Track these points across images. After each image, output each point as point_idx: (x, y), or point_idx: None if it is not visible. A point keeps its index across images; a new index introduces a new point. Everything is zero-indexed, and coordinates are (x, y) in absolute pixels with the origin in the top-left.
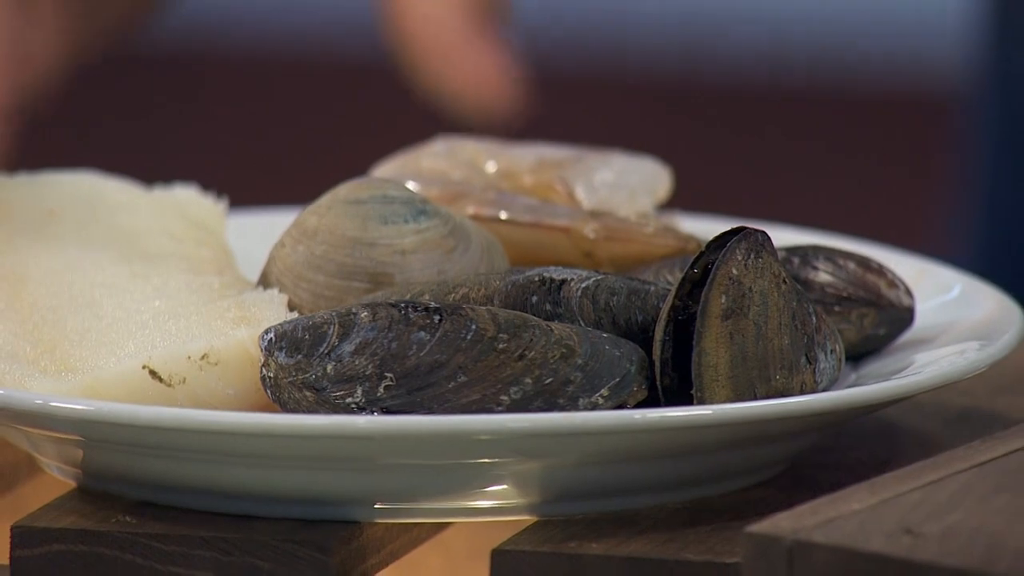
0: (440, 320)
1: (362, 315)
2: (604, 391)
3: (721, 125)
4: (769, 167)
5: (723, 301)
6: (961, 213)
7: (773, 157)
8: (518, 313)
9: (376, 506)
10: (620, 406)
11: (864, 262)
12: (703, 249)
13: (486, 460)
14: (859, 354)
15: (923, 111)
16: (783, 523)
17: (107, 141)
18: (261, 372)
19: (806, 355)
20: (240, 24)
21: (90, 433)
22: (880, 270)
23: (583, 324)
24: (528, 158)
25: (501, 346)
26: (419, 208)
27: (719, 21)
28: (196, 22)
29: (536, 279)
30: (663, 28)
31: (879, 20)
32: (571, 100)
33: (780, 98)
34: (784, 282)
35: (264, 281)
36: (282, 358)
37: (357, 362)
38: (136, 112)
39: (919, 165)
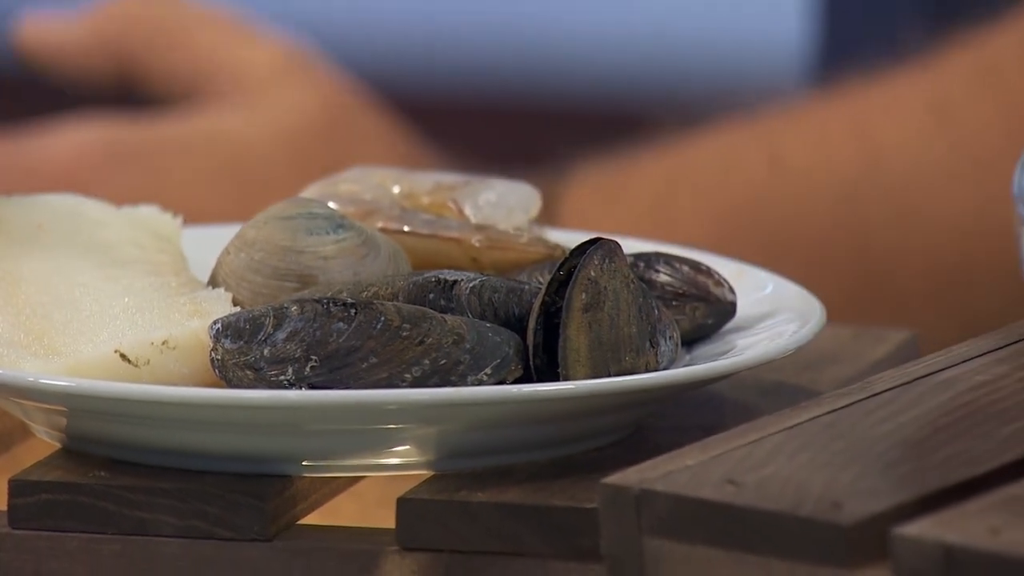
0: (355, 313)
1: (292, 309)
2: (488, 370)
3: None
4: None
5: (583, 297)
6: None
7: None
8: (418, 307)
9: (303, 463)
10: (500, 382)
11: (696, 265)
12: (567, 255)
13: (393, 426)
14: (692, 340)
15: None
16: (631, 475)
17: None
18: (211, 355)
19: (650, 341)
20: None
21: (72, 404)
22: (708, 272)
23: (471, 316)
24: (426, 182)
25: (405, 334)
26: (338, 223)
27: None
28: None
29: (433, 280)
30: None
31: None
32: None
33: (624, 121)
34: (632, 282)
35: (213, 282)
36: (228, 344)
37: (288, 347)
38: None
39: None
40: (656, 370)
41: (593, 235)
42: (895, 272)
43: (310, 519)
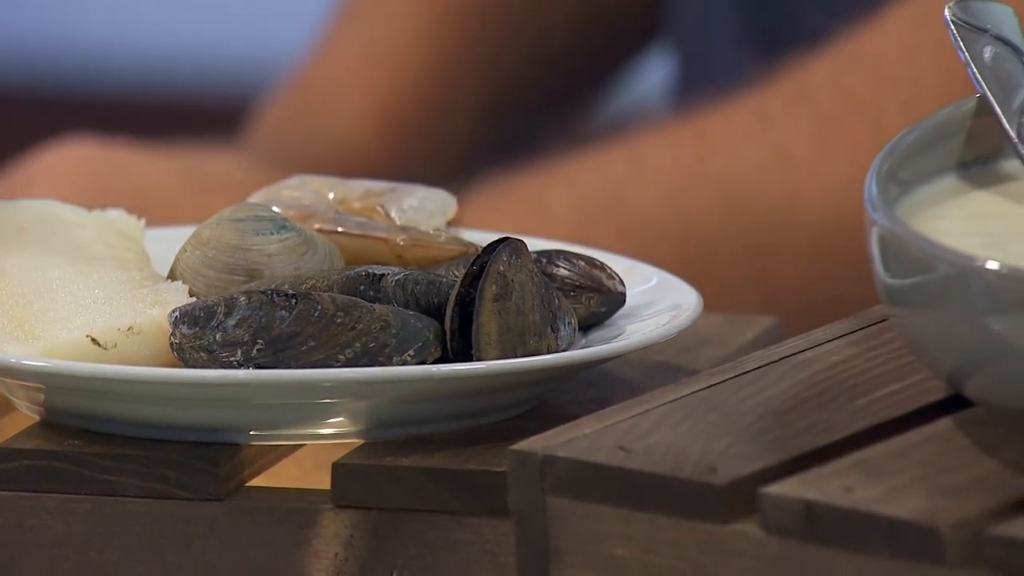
0: (296, 302)
1: (241, 299)
2: (411, 352)
3: None
4: None
5: (494, 289)
6: None
7: None
8: (350, 298)
9: (251, 433)
10: (422, 362)
11: (591, 261)
12: (480, 252)
13: (328, 401)
14: (587, 326)
15: None
16: (536, 443)
17: None
18: (170, 340)
19: (551, 326)
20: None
21: (49, 383)
22: (602, 266)
23: (396, 305)
24: (357, 189)
25: (339, 321)
26: (281, 224)
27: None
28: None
29: (363, 274)
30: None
31: None
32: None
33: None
34: (536, 275)
35: (172, 275)
36: (185, 329)
37: (237, 332)
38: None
39: None
40: (557, 352)
41: (502, 235)
42: (716, 254)
43: (257, 481)
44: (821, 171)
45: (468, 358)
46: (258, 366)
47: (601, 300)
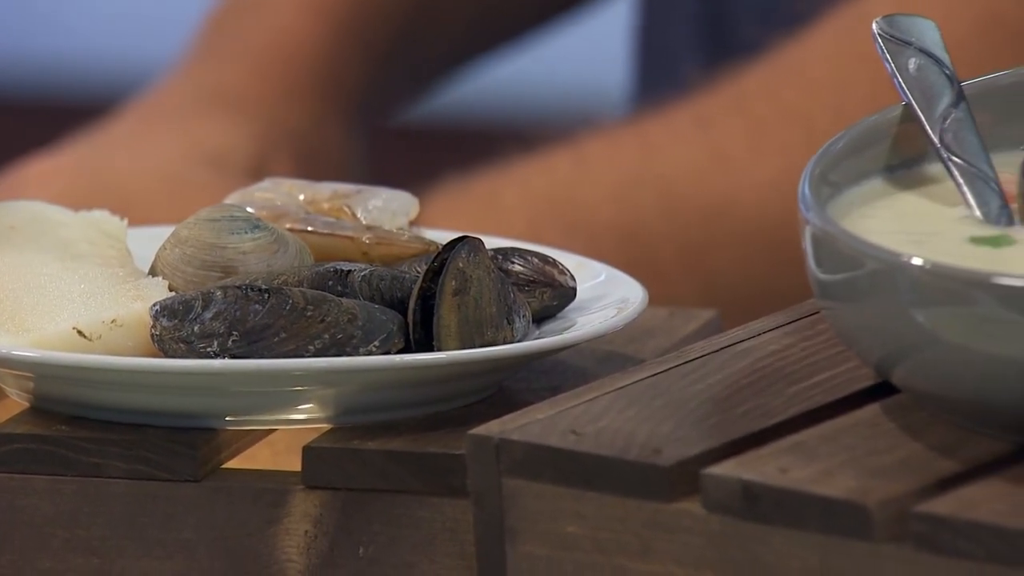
0: (268, 297)
1: (217, 293)
2: (376, 343)
3: None
4: None
5: (453, 284)
6: None
7: None
8: (320, 292)
9: (227, 418)
10: (386, 352)
11: (544, 258)
12: (440, 250)
13: (299, 388)
14: (541, 318)
15: None
16: (493, 427)
17: None
18: (151, 331)
19: (507, 319)
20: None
21: (38, 372)
22: (554, 262)
23: (362, 299)
24: (326, 191)
25: (309, 314)
26: (254, 224)
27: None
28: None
29: (331, 270)
30: None
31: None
32: None
33: None
34: (493, 271)
35: (152, 272)
36: (164, 322)
37: (214, 325)
38: None
39: None
40: (512, 342)
41: (460, 234)
42: (658, 251)
43: (232, 464)
44: (756, 173)
45: (429, 348)
46: (233, 356)
47: (553, 294)
